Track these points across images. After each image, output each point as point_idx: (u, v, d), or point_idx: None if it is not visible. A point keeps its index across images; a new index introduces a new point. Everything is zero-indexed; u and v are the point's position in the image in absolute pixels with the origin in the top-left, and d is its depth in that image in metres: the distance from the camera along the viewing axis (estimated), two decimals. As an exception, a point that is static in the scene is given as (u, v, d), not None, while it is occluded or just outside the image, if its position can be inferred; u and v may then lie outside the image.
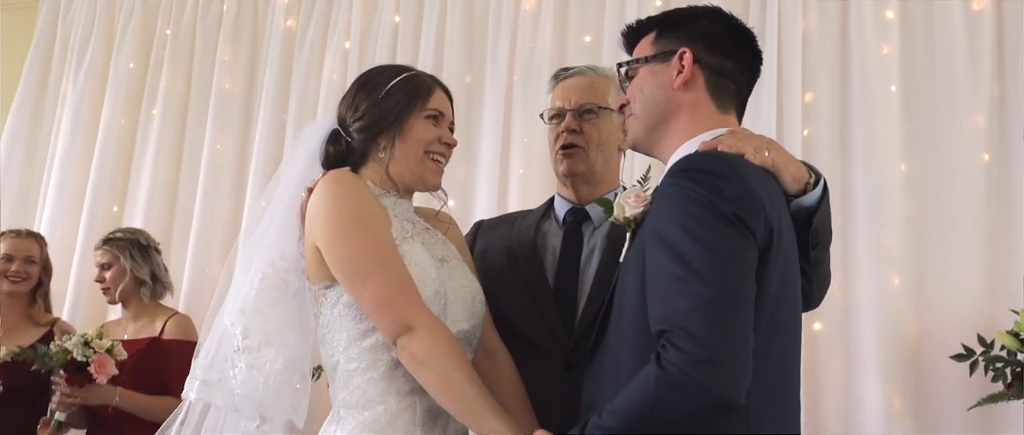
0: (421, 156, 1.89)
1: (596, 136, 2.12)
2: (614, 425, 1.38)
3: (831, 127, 3.48)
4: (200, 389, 1.83)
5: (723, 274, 1.36)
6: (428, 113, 1.89)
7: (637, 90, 1.68)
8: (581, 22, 3.84)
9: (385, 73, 1.94)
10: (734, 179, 1.43)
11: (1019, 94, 3.34)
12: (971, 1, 3.45)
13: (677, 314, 1.35)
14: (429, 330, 1.67)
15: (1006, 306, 3.11)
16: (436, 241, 1.93)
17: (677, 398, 1.33)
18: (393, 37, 4.05)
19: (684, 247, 1.38)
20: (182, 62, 4.29)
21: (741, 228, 1.40)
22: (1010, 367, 2.95)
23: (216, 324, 1.88)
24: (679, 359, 1.32)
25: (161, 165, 4.17)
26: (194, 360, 1.89)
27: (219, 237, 4.03)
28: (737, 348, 1.33)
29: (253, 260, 1.83)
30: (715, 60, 1.64)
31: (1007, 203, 3.29)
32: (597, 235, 2.12)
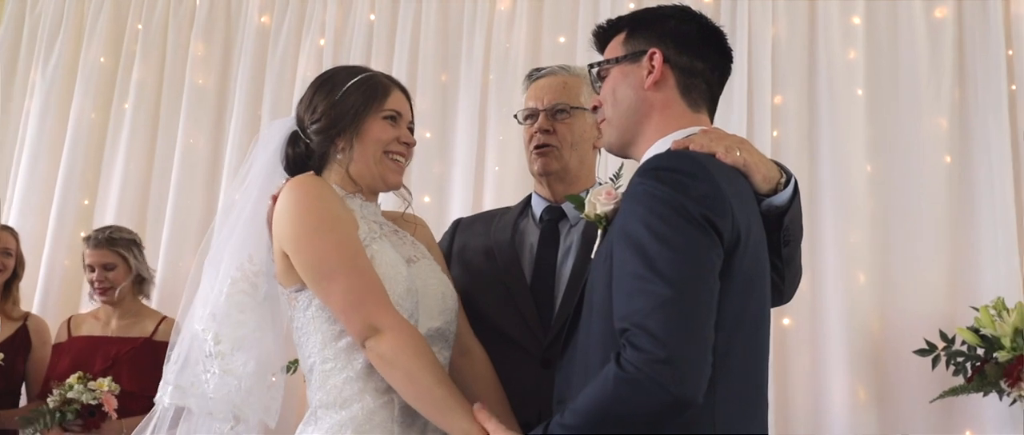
0: (380, 156, 1.88)
1: (569, 135, 2.14)
2: (575, 423, 1.40)
3: (799, 129, 3.59)
4: (173, 394, 1.83)
5: (685, 275, 1.37)
6: (385, 113, 1.89)
7: (609, 91, 1.68)
8: (555, 23, 3.91)
9: (341, 74, 1.93)
10: (701, 178, 1.44)
11: (979, 98, 3.48)
12: (934, 9, 3.59)
13: (638, 313, 1.36)
14: (396, 331, 1.68)
15: (967, 303, 3.24)
16: (404, 242, 1.93)
17: (635, 397, 1.34)
18: (368, 35, 4.08)
19: (648, 247, 1.39)
20: (154, 56, 4.28)
21: (706, 228, 1.41)
22: (970, 361, 3.07)
23: (186, 328, 1.89)
24: (637, 358, 1.33)
25: (133, 159, 4.15)
26: (166, 365, 1.89)
27: (192, 232, 4.02)
28: (695, 348, 1.34)
29: (221, 263, 1.84)
30: (685, 60, 1.65)
31: (968, 204, 3.43)
32: (573, 233, 2.14)
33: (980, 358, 3.05)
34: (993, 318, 3.02)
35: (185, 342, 1.86)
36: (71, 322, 3.52)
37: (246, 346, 1.78)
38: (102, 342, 3.37)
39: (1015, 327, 2.97)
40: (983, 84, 3.48)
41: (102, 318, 3.47)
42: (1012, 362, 2.94)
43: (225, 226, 1.91)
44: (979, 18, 3.54)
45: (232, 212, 1.92)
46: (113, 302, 3.42)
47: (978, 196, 3.42)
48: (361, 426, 1.72)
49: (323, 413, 1.76)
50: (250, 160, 1.95)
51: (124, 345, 3.34)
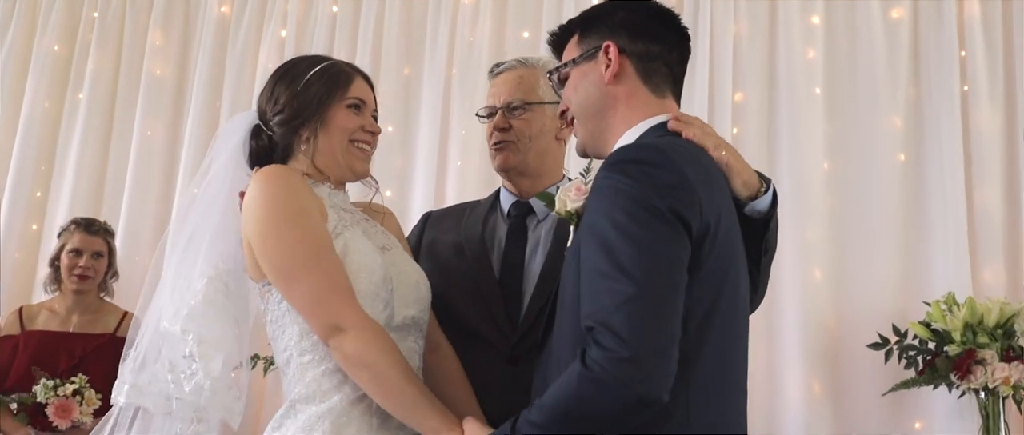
0: (346, 145, 1.87)
1: (526, 130, 2.13)
2: (541, 421, 1.40)
3: (759, 126, 3.67)
4: (129, 393, 1.82)
5: (649, 271, 1.36)
6: (349, 102, 1.87)
7: (571, 91, 1.68)
8: (519, 17, 3.95)
9: (302, 64, 1.91)
10: (667, 168, 1.43)
11: (933, 98, 3.58)
12: (891, 10, 3.69)
13: (603, 311, 1.35)
14: (360, 330, 1.66)
15: (919, 298, 3.34)
16: (375, 230, 1.91)
17: (599, 396, 1.34)
18: (331, 27, 4.08)
19: (612, 243, 1.38)
20: (110, 46, 4.25)
21: (672, 222, 1.40)
22: (922, 355, 3.18)
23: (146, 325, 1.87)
24: (601, 357, 1.33)
25: (88, 151, 4.12)
26: (122, 364, 1.87)
27: (148, 226, 4.01)
28: (660, 346, 1.34)
29: (195, 263, 1.80)
30: (640, 46, 1.64)
31: (921, 201, 3.53)
32: (541, 229, 2.15)
33: (931, 352, 3.15)
34: (944, 313, 3.12)
35: (145, 340, 1.84)
36: (23, 313, 3.48)
37: (222, 346, 1.77)
38: (64, 339, 3.35)
39: (965, 322, 3.07)
40: (937, 84, 3.58)
41: (59, 312, 3.44)
42: (962, 356, 3.04)
43: (186, 223, 1.88)
44: (934, 20, 3.64)
45: (195, 208, 1.89)
46: (86, 291, 3.42)
47: (931, 194, 3.52)
48: (338, 418, 1.71)
49: (302, 406, 1.74)
50: (211, 155, 1.93)
51: (89, 342, 3.33)
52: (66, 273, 3.42)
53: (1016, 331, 3.08)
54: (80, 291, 3.43)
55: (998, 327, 3.08)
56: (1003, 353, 3.04)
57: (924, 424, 3.35)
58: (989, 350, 3.03)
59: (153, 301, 1.87)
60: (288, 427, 1.74)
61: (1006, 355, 3.04)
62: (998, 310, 3.08)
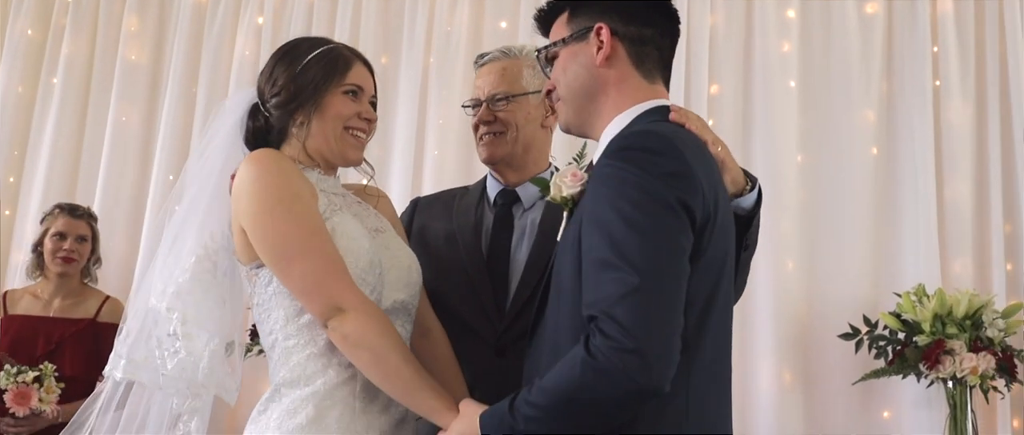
0: (340, 132, 1.84)
1: (511, 121, 2.14)
2: (541, 402, 1.41)
3: (734, 118, 3.71)
4: (126, 368, 1.81)
5: (654, 261, 1.36)
6: (346, 88, 1.84)
7: (560, 72, 1.65)
8: (497, 7, 3.96)
9: (304, 45, 1.88)
10: (671, 155, 1.42)
11: (906, 93, 3.64)
12: (865, 5, 3.74)
13: (606, 301, 1.35)
14: (360, 311, 1.66)
15: (889, 289, 3.40)
16: (368, 213, 1.90)
17: (600, 383, 1.34)
18: (308, 15, 4.07)
19: (617, 232, 1.38)
20: (85, 30, 4.21)
21: (676, 211, 1.39)
22: (892, 345, 3.23)
23: (139, 302, 1.86)
24: (605, 346, 1.33)
25: (62, 135, 4.09)
26: (117, 338, 1.86)
27: (124, 211, 4.00)
28: (663, 338, 1.34)
29: (185, 241, 1.81)
30: (633, 30, 1.61)
31: (892, 195, 3.59)
32: (527, 217, 2.16)
33: (901, 342, 3.21)
34: (914, 304, 3.18)
35: (139, 316, 1.83)
36: (7, 298, 3.47)
37: (207, 324, 1.76)
38: (43, 323, 3.34)
39: (934, 312, 3.13)
40: (910, 79, 3.64)
41: (42, 297, 3.44)
42: (931, 346, 3.10)
43: (184, 200, 1.87)
44: (907, 16, 3.69)
45: (193, 186, 1.88)
46: (70, 274, 3.42)
47: (902, 187, 3.58)
48: (322, 401, 1.71)
49: (286, 390, 1.74)
50: (210, 132, 1.91)
51: (67, 327, 3.32)
52: (50, 257, 3.41)
53: (984, 322, 3.14)
54: (64, 274, 3.42)
55: (967, 318, 3.14)
56: (971, 343, 3.10)
57: (892, 413, 3.41)
58: (958, 340, 3.09)
59: (147, 277, 1.87)
60: (273, 410, 1.74)
61: (974, 345, 3.10)
62: (967, 301, 3.14)
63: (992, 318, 3.16)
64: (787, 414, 3.40)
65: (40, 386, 3.07)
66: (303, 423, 1.70)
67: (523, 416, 1.43)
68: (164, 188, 3.96)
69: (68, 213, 3.47)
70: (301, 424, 1.70)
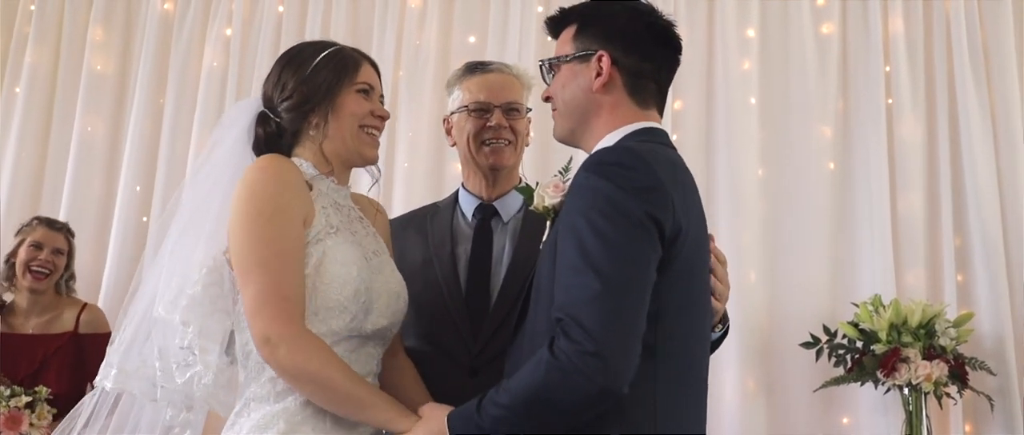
0: (356, 131, 1.82)
1: (519, 133, 2.19)
2: (507, 402, 1.45)
3: (697, 133, 3.75)
4: (117, 378, 1.75)
5: (618, 270, 1.40)
6: (359, 87, 1.83)
7: (559, 87, 1.70)
8: (466, 22, 3.94)
9: (308, 49, 1.87)
10: (642, 171, 1.47)
11: (861, 110, 3.71)
12: (821, 25, 3.81)
13: (572, 305, 1.40)
14: (291, 343, 1.61)
15: (847, 299, 3.47)
16: (368, 234, 1.86)
17: (563, 384, 1.39)
18: (277, 28, 4.01)
19: (586, 240, 1.42)
20: (49, 39, 4.10)
21: (644, 224, 1.44)
22: (850, 354, 3.29)
23: (133, 311, 1.80)
24: (569, 348, 1.38)
25: (26, 146, 3.97)
26: (109, 347, 1.80)
27: (90, 222, 3.89)
28: (623, 342, 1.39)
29: (193, 251, 1.74)
30: (633, 62, 1.64)
31: (849, 207, 3.66)
32: (505, 232, 2.16)
33: (859, 350, 3.27)
34: (871, 314, 3.24)
35: (132, 325, 1.77)
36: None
37: (218, 337, 1.72)
38: (24, 342, 3.20)
39: (890, 322, 3.20)
40: (864, 97, 3.72)
41: (19, 314, 3.28)
42: (887, 354, 3.16)
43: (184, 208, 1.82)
44: (862, 36, 3.77)
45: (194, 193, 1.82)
46: (41, 290, 3.29)
47: (858, 201, 3.65)
48: (293, 417, 1.67)
49: (256, 406, 1.70)
50: (212, 141, 1.88)
51: (49, 344, 3.20)
52: (22, 269, 3.26)
53: (937, 331, 3.22)
54: (35, 290, 3.28)
55: (921, 327, 3.21)
56: (925, 351, 3.17)
57: (851, 419, 3.47)
58: (913, 349, 3.15)
59: (143, 285, 1.81)
60: (243, 424, 1.70)
61: (928, 353, 3.17)
62: (921, 311, 3.21)
63: (944, 327, 3.23)
64: (751, 421, 3.44)
65: (32, 411, 2.95)
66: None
67: (490, 416, 1.47)
68: (131, 199, 3.89)
69: (46, 225, 3.36)
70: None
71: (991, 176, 3.58)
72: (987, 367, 3.27)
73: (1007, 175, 3.60)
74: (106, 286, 3.78)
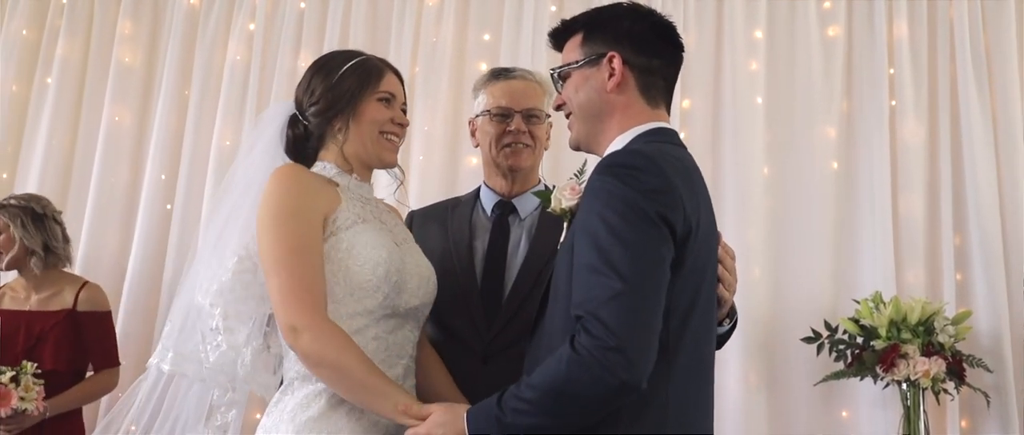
0: (376, 136, 1.89)
1: (539, 137, 2.24)
2: (529, 396, 1.45)
3: (704, 131, 3.73)
4: (174, 360, 1.83)
5: (636, 269, 1.41)
6: (380, 96, 1.89)
7: (572, 91, 1.70)
8: (481, 20, 3.93)
9: (338, 58, 1.93)
10: (654, 173, 1.47)
11: (865, 111, 3.68)
12: (827, 28, 3.78)
13: (593, 303, 1.41)
14: (315, 331, 1.67)
15: (849, 296, 3.45)
16: (396, 224, 1.95)
17: (585, 378, 1.40)
18: (298, 22, 4.02)
19: (603, 241, 1.43)
20: (80, 32, 4.11)
21: (658, 224, 1.44)
22: (851, 349, 3.27)
23: (182, 298, 1.88)
24: (590, 343, 1.39)
25: (56, 134, 3.99)
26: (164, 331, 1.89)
27: (117, 209, 3.91)
28: (643, 338, 1.40)
29: (228, 242, 1.82)
30: (643, 60, 1.65)
31: (851, 206, 3.63)
32: (521, 228, 2.20)
33: (859, 346, 3.25)
34: (871, 310, 3.22)
35: (182, 311, 1.86)
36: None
37: (247, 321, 1.79)
38: (22, 318, 3.16)
39: (890, 318, 3.18)
40: (868, 98, 3.69)
41: (18, 292, 3.26)
42: (887, 350, 3.14)
43: (224, 202, 1.90)
44: (867, 38, 3.74)
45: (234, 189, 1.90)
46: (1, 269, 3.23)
47: (860, 200, 3.62)
48: (333, 397, 1.73)
49: (299, 384, 1.77)
50: (251, 140, 1.96)
51: (46, 320, 3.15)
52: None
53: (936, 328, 3.19)
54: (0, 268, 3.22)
55: (920, 324, 3.19)
56: (924, 348, 3.15)
57: (851, 413, 3.45)
58: (911, 345, 3.13)
59: (190, 273, 1.89)
60: (287, 402, 1.77)
61: (926, 350, 3.15)
62: (920, 309, 3.19)
63: (943, 325, 3.21)
64: (753, 413, 3.43)
65: (17, 385, 2.90)
66: (314, 416, 1.72)
67: (511, 409, 1.47)
68: (156, 187, 3.91)
69: None
70: (313, 417, 1.73)
71: (991, 178, 3.55)
72: (984, 364, 3.25)
73: (1007, 177, 3.57)
74: (131, 271, 3.80)
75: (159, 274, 3.81)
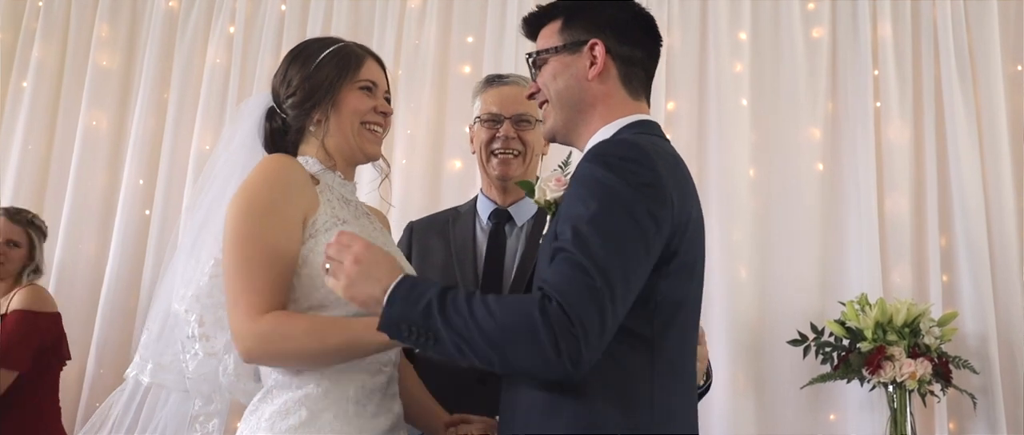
0: (357, 128, 1.75)
1: (530, 143, 2.16)
2: (481, 319, 1.35)
3: (690, 133, 3.68)
4: (153, 372, 1.73)
5: (610, 261, 1.35)
6: (361, 84, 1.76)
7: (549, 79, 1.61)
8: (464, 22, 3.87)
9: (314, 46, 1.80)
10: (646, 166, 1.41)
11: (850, 112, 3.64)
12: (812, 29, 3.74)
13: (561, 285, 1.34)
14: (252, 338, 1.57)
15: (835, 298, 3.40)
16: (375, 229, 1.82)
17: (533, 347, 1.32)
18: (279, 25, 3.95)
19: (583, 229, 1.37)
20: (56, 35, 4.03)
21: (642, 219, 1.38)
22: (837, 351, 3.23)
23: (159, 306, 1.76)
24: (556, 317, 1.31)
25: (32, 138, 3.91)
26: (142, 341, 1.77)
27: (93, 215, 3.83)
28: (600, 334, 1.34)
29: (204, 244, 1.71)
30: (626, 50, 1.59)
31: (837, 208, 3.59)
32: (520, 236, 2.14)
33: (845, 348, 3.21)
34: (857, 312, 3.18)
35: (159, 319, 1.74)
36: None
37: (225, 327, 1.65)
38: None
39: (876, 320, 3.14)
40: (853, 99, 3.65)
41: None
42: (873, 352, 3.10)
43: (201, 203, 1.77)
44: (851, 40, 3.70)
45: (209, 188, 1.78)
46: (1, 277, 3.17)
47: (846, 201, 3.58)
48: (315, 404, 1.62)
49: (278, 392, 1.65)
50: (225, 136, 1.83)
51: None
52: None
53: (922, 330, 3.15)
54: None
55: (906, 326, 3.15)
56: (910, 350, 3.11)
57: (838, 415, 3.41)
58: (897, 347, 3.09)
59: (165, 279, 1.76)
60: (264, 410, 1.65)
61: (912, 352, 3.11)
62: (906, 310, 3.15)
63: (929, 326, 3.17)
64: (740, 416, 3.38)
65: None
66: (295, 425, 1.61)
67: (452, 312, 1.36)
68: (134, 193, 3.83)
69: (5, 215, 3.20)
70: (293, 426, 1.61)
71: (976, 178, 3.52)
72: (970, 366, 3.20)
73: (992, 177, 3.53)
74: (108, 278, 3.72)
75: (137, 281, 3.74)
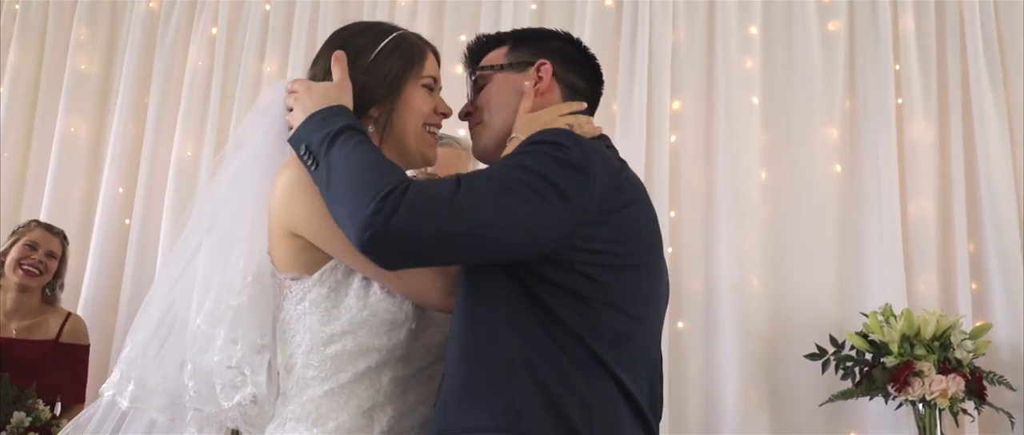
0: (420, 130, 1.55)
1: None
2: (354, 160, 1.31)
3: (697, 134, 3.46)
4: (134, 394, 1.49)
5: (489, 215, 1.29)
6: (424, 81, 1.55)
7: (491, 96, 1.56)
8: (457, 20, 3.69)
9: (369, 34, 1.57)
10: (577, 151, 1.35)
11: (869, 110, 3.40)
12: (827, 22, 3.52)
13: (430, 186, 1.28)
14: None
15: (856, 309, 3.16)
16: None
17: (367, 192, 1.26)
18: (263, 25, 3.79)
19: (481, 182, 1.31)
20: (32, 38, 3.89)
21: (544, 189, 1.31)
22: (859, 366, 2.98)
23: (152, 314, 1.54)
24: (401, 191, 1.25)
25: (8, 145, 3.77)
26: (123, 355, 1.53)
27: (72, 223, 3.65)
28: (427, 233, 1.26)
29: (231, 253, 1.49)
30: (571, 77, 1.58)
31: (857, 212, 3.35)
32: None
33: (868, 363, 2.97)
34: (881, 324, 2.94)
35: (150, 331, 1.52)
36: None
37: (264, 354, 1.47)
38: (5, 345, 3.01)
39: (902, 333, 2.90)
40: (873, 96, 3.42)
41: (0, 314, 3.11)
42: (899, 367, 2.86)
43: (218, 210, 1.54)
44: (870, 33, 3.47)
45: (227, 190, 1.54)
46: (32, 288, 3.14)
47: (866, 205, 3.35)
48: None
49: (293, 426, 1.44)
50: (240, 133, 1.59)
51: (33, 350, 3.03)
52: (12, 265, 3.10)
53: (952, 343, 2.91)
54: (25, 287, 3.12)
55: (935, 339, 2.91)
56: (940, 365, 2.87)
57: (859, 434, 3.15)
58: (926, 362, 2.86)
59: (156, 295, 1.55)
60: None
61: (943, 367, 2.87)
62: (935, 322, 2.91)
63: (960, 339, 2.92)
64: (753, 433, 3.14)
65: None
66: None
67: (329, 153, 1.34)
68: (113, 200, 3.69)
69: (44, 228, 3.26)
70: None
71: (1007, 179, 3.27)
72: (1006, 382, 2.94)
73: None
74: (86, 289, 3.57)
75: (116, 292, 3.59)
